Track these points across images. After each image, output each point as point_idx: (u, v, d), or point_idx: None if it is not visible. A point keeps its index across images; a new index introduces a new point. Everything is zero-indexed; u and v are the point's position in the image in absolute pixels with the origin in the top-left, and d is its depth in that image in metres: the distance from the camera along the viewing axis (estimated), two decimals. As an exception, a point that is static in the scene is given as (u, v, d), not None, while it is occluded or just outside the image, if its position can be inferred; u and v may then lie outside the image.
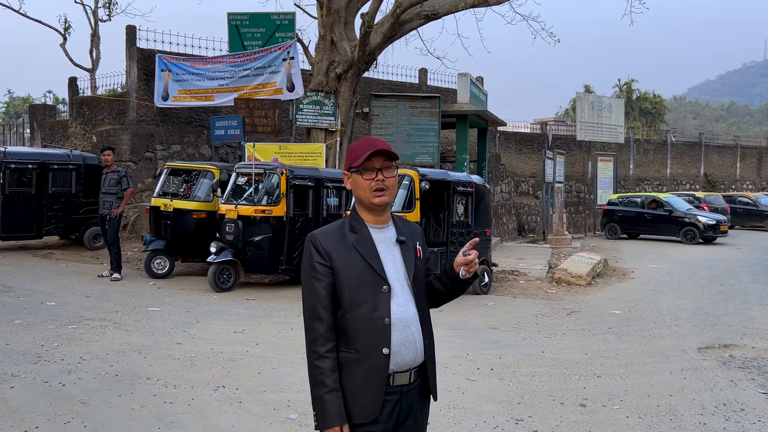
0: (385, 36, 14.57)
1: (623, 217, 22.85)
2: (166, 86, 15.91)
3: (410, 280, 2.40)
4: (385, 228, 2.42)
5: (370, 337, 2.28)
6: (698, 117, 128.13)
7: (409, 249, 2.45)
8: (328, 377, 2.24)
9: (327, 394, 2.23)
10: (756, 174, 37.32)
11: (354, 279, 2.29)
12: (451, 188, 10.54)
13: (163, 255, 11.19)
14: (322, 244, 2.32)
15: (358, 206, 2.43)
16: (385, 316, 2.29)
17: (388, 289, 2.32)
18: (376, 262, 2.33)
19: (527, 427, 4.77)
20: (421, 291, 2.45)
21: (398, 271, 2.38)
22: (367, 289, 2.30)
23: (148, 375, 5.72)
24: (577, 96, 28.02)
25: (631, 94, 61.46)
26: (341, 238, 2.35)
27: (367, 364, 2.28)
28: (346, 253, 2.32)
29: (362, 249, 2.33)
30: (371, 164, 2.34)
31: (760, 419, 4.99)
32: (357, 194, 2.40)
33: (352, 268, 2.30)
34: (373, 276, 2.31)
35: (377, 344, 2.28)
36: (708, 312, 9.49)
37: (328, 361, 2.26)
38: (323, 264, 2.30)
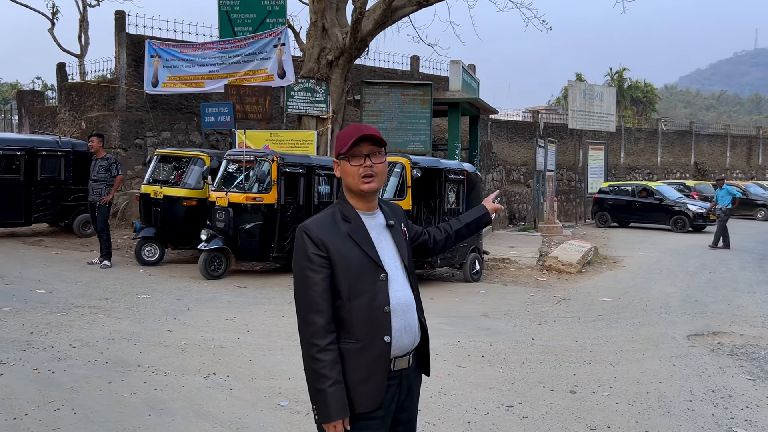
0: (376, 22, 14.48)
1: (614, 205, 22.95)
2: (156, 72, 15.77)
3: (405, 264, 2.41)
4: (374, 214, 2.41)
5: (371, 327, 2.27)
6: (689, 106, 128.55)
7: (398, 232, 2.46)
8: (331, 369, 2.20)
9: (330, 387, 2.19)
10: (746, 163, 37.51)
11: (352, 269, 2.26)
12: (442, 176, 10.53)
13: (153, 242, 11.14)
14: (317, 235, 2.27)
15: (347, 193, 2.40)
16: (385, 304, 2.29)
17: (385, 276, 2.31)
18: (372, 251, 2.31)
19: (517, 413, 4.79)
20: (413, 272, 2.47)
21: (393, 257, 2.38)
22: (366, 278, 2.28)
23: (139, 362, 5.70)
24: (569, 84, 28.02)
25: (623, 83, 61.53)
26: (335, 228, 2.31)
27: (370, 353, 2.26)
28: (342, 243, 2.28)
29: (357, 238, 2.31)
30: (359, 150, 2.32)
31: (748, 405, 5.03)
32: (346, 181, 2.37)
33: (349, 258, 2.27)
34: (371, 265, 2.30)
35: (379, 333, 2.27)
36: (697, 300, 9.55)
37: (330, 353, 2.21)
38: (320, 255, 2.25)
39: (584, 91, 26.70)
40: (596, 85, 29.77)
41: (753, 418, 4.76)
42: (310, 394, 2.27)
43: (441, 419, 4.62)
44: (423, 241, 2.77)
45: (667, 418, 4.74)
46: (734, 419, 4.74)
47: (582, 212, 26.28)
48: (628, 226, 22.77)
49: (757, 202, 26.94)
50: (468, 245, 10.86)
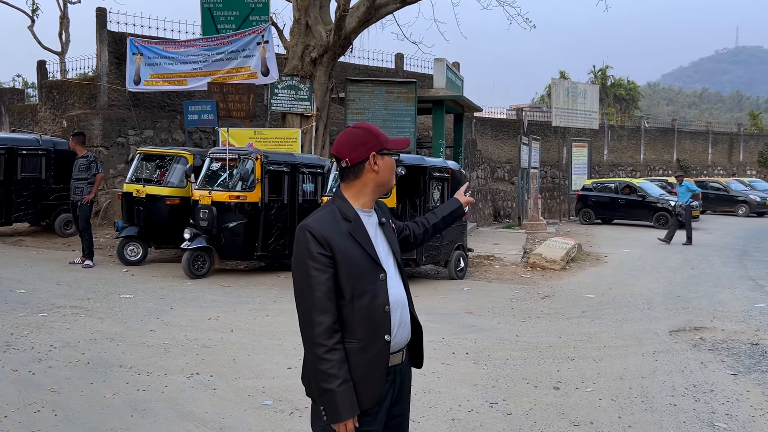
0: (360, 20, 14.45)
1: (597, 202, 23.10)
2: (138, 70, 15.64)
3: (398, 261, 2.45)
4: (371, 212, 2.42)
5: (372, 326, 2.28)
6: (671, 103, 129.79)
7: (389, 229, 2.49)
8: (339, 369, 2.19)
9: (339, 387, 2.18)
10: (727, 160, 37.90)
11: (355, 269, 2.26)
12: (427, 174, 10.54)
13: (136, 241, 11.05)
14: (322, 234, 2.25)
15: (366, 190, 2.38)
16: (385, 303, 2.30)
17: (385, 276, 2.33)
18: (372, 250, 2.32)
19: (501, 410, 4.80)
20: (403, 268, 2.49)
21: (387, 255, 2.40)
22: (368, 277, 2.29)
23: (121, 363, 5.65)
24: (553, 82, 28.14)
25: (606, 81, 61.97)
26: (336, 227, 2.29)
27: (370, 352, 2.27)
28: (345, 242, 2.27)
29: (359, 237, 2.31)
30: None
31: (729, 400, 5.08)
32: (386, 177, 2.39)
33: (352, 258, 2.26)
34: (371, 264, 2.30)
35: (379, 332, 2.29)
36: (680, 295, 9.63)
37: (338, 353, 2.21)
38: (325, 254, 2.23)
39: (568, 89, 26.84)
40: (580, 83, 29.93)
41: (734, 412, 4.81)
42: (317, 395, 2.26)
43: (425, 417, 4.62)
44: (404, 236, 2.81)
45: (649, 414, 4.78)
46: (715, 413, 4.79)
47: (566, 209, 26.43)
48: (611, 222, 22.93)
49: (738, 198, 27.22)
50: (453, 243, 10.87)
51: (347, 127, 2.46)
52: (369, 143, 2.36)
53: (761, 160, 38.40)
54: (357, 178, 2.38)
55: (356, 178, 2.38)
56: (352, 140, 2.37)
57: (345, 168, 2.39)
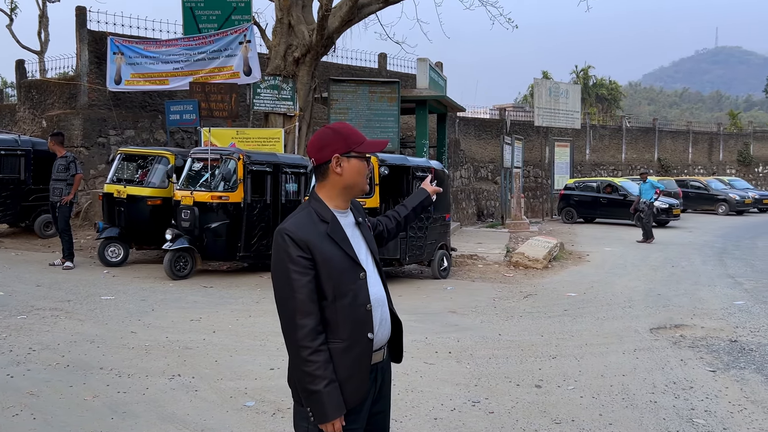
0: (343, 20, 14.43)
1: (579, 201, 23.26)
2: (119, 70, 15.51)
3: (376, 259, 2.46)
4: (347, 212, 2.43)
5: (355, 325, 2.29)
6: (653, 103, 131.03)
7: (366, 228, 2.50)
8: (325, 370, 2.20)
9: (326, 387, 2.19)
10: (707, 159, 38.33)
11: (335, 269, 2.27)
12: (410, 173, 10.55)
13: (117, 242, 10.96)
14: (300, 237, 2.25)
15: (334, 192, 2.38)
16: (367, 302, 2.32)
17: (364, 275, 2.34)
18: (350, 250, 2.33)
19: (484, 408, 4.82)
20: (381, 265, 2.52)
21: (365, 253, 2.42)
22: (348, 277, 2.29)
23: (101, 365, 5.59)
24: (535, 82, 28.26)
25: (588, 81, 62.45)
26: (314, 229, 2.29)
27: (354, 351, 2.28)
28: (324, 244, 2.27)
29: (337, 238, 2.31)
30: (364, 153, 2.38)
31: (708, 396, 5.14)
32: (352, 179, 2.37)
33: (332, 259, 2.27)
34: (351, 264, 2.31)
35: (363, 331, 2.30)
36: (660, 293, 9.72)
37: (323, 354, 2.22)
38: (305, 257, 2.23)
39: (550, 89, 26.98)
40: (562, 82, 30.10)
41: (712, 409, 4.87)
42: (303, 397, 2.26)
43: (408, 416, 4.62)
44: (379, 232, 2.84)
45: (630, 411, 4.82)
46: (695, 410, 4.84)
47: (548, 208, 26.58)
48: (593, 221, 23.10)
49: (718, 197, 27.53)
50: (436, 242, 10.90)
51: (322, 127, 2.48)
52: (334, 145, 2.35)
53: (740, 159, 38.88)
54: (325, 179, 2.39)
55: (324, 179, 2.39)
56: (320, 141, 2.38)
57: (314, 168, 2.42)
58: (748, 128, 42.74)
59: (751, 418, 4.70)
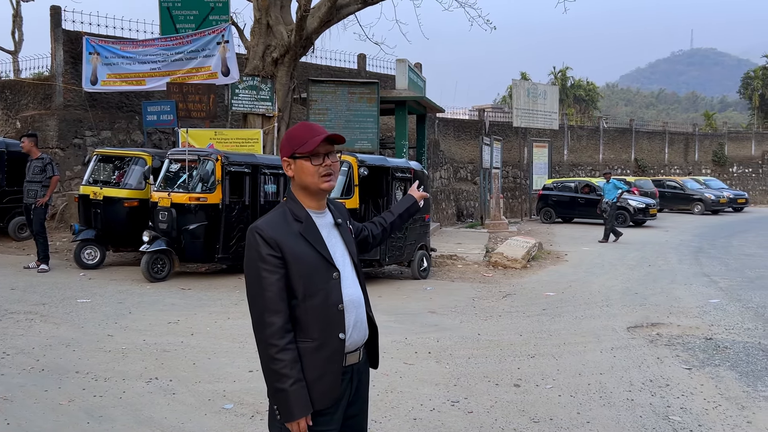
0: (322, 20, 14.40)
1: (558, 201, 23.45)
2: (95, 70, 15.33)
3: (354, 261, 2.46)
4: (324, 213, 2.44)
5: (326, 325, 2.29)
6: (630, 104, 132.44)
7: (345, 230, 2.51)
8: (291, 369, 2.21)
9: (291, 386, 2.20)
10: (683, 159, 38.83)
11: (306, 268, 2.28)
12: (389, 174, 10.56)
13: (93, 245, 10.83)
14: (271, 235, 2.27)
15: (299, 193, 2.41)
16: (339, 302, 2.32)
17: (338, 275, 2.34)
18: (324, 250, 2.34)
19: (463, 408, 4.83)
20: (360, 268, 2.52)
21: (343, 255, 2.42)
22: (319, 277, 2.30)
23: (77, 369, 5.52)
24: (514, 83, 28.43)
25: (566, 82, 62.95)
26: (287, 228, 2.31)
27: (325, 351, 2.28)
28: (295, 243, 2.29)
29: (310, 237, 2.32)
30: (318, 149, 2.34)
31: (683, 393, 5.21)
32: (303, 180, 2.37)
33: (303, 258, 2.28)
34: (324, 264, 2.32)
35: (334, 331, 2.30)
36: (637, 292, 9.83)
37: (290, 352, 2.22)
38: (274, 255, 2.25)
39: (528, 90, 27.16)
40: (540, 83, 30.32)
41: (688, 406, 4.93)
42: (270, 395, 2.27)
43: (387, 417, 4.62)
44: (363, 237, 2.84)
45: (607, 409, 4.86)
46: (671, 407, 4.90)
47: (527, 208, 26.75)
48: (571, 221, 23.29)
49: (694, 197, 27.93)
50: (416, 243, 10.91)
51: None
52: (284, 149, 2.41)
53: (715, 159, 39.44)
54: (290, 180, 2.44)
55: (291, 181, 2.44)
56: (282, 142, 2.45)
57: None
58: (722, 129, 43.38)
59: (726, 414, 4.77)
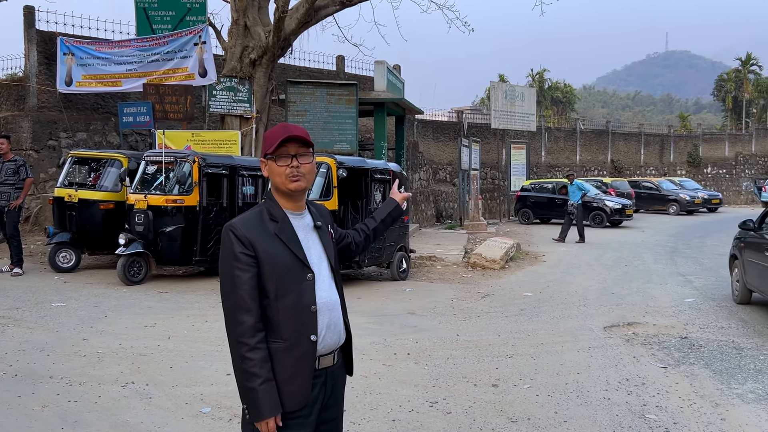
0: (300, 21, 14.36)
1: (535, 202, 23.61)
2: (70, 71, 15.12)
3: (332, 265, 2.45)
4: (302, 214, 2.43)
5: (297, 326, 2.28)
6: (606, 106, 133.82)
7: (325, 233, 2.49)
8: (260, 368, 2.20)
9: (261, 386, 2.19)
10: (658, 160, 39.32)
11: (279, 268, 2.27)
12: (368, 176, 10.55)
13: (68, 248, 10.70)
14: (244, 234, 2.27)
15: (275, 193, 2.41)
16: (312, 303, 2.30)
17: (312, 276, 2.33)
18: (299, 251, 2.33)
19: (441, 409, 4.84)
20: (339, 273, 2.51)
21: (319, 257, 2.41)
22: (293, 277, 2.29)
23: (51, 373, 5.44)
24: (492, 85, 28.58)
25: (543, 84, 63.49)
26: (262, 227, 2.31)
27: (296, 352, 2.27)
28: (269, 242, 2.29)
29: (285, 237, 2.32)
30: (286, 150, 2.34)
31: (659, 392, 5.27)
32: (274, 181, 2.39)
33: (276, 258, 2.28)
34: (298, 264, 2.31)
35: (305, 332, 2.29)
36: (614, 292, 9.93)
37: (260, 352, 2.21)
38: (247, 254, 2.25)
39: (506, 92, 27.33)
40: (518, 85, 30.52)
41: (663, 404, 4.99)
42: (241, 394, 2.26)
43: (366, 418, 4.62)
44: (346, 244, 2.81)
45: (584, 408, 4.91)
46: (646, 406, 4.95)
47: (506, 209, 26.91)
48: (549, 222, 23.45)
49: (669, 197, 28.27)
50: (395, 244, 10.92)
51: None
52: (263, 149, 2.42)
53: (690, 160, 40.00)
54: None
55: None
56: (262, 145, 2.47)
57: None
58: (697, 130, 44.01)
59: (700, 412, 4.83)
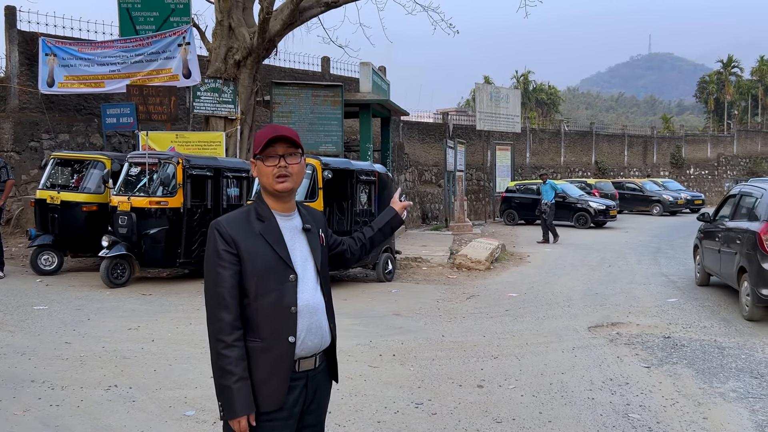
0: (284, 23, 14.33)
1: (520, 203, 23.70)
2: (52, 71, 14.97)
3: (318, 268, 2.43)
4: (291, 216, 2.42)
5: (276, 326, 2.27)
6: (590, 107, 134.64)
7: (314, 236, 2.48)
8: (236, 366, 2.20)
9: (235, 384, 2.19)
10: (642, 161, 39.65)
11: (261, 267, 2.27)
12: (354, 177, 10.55)
13: (50, 250, 10.59)
14: (228, 231, 2.27)
15: (263, 193, 2.41)
16: (292, 304, 2.29)
17: (295, 277, 2.32)
18: (283, 251, 2.32)
19: (427, 410, 4.85)
20: (326, 277, 2.49)
21: (305, 259, 2.39)
22: (274, 277, 2.29)
23: (33, 377, 5.38)
24: (476, 87, 28.66)
25: (528, 85, 63.81)
26: (247, 226, 2.31)
27: (273, 352, 2.27)
28: (253, 241, 2.29)
29: (269, 237, 2.31)
30: (274, 151, 2.34)
31: (642, 391, 5.31)
32: (261, 181, 2.39)
33: (259, 257, 2.28)
34: (281, 265, 2.30)
35: (283, 333, 2.28)
36: (598, 292, 9.99)
37: (236, 350, 2.21)
38: (229, 252, 2.25)
39: (491, 94, 27.41)
40: (502, 87, 30.64)
41: (647, 404, 5.02)
42: (216, 391, 2.26)
43: (351, 420, 4.61)
44: (340, 251, 2.77)
45: (568, 408, 4.93)
46: (630, 405, 4.98)
47: (491, 211, 26.99)
48: (534, 223, 23.50)
49: (653, 198, 28.50)
50: (381, 246, 10.91)
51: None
52: (253, 149, 2.43)
53: (673, 162, 40.38)
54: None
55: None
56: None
57: None
58: (679, 132, 44.47)
59: (683, 411, 4.87)
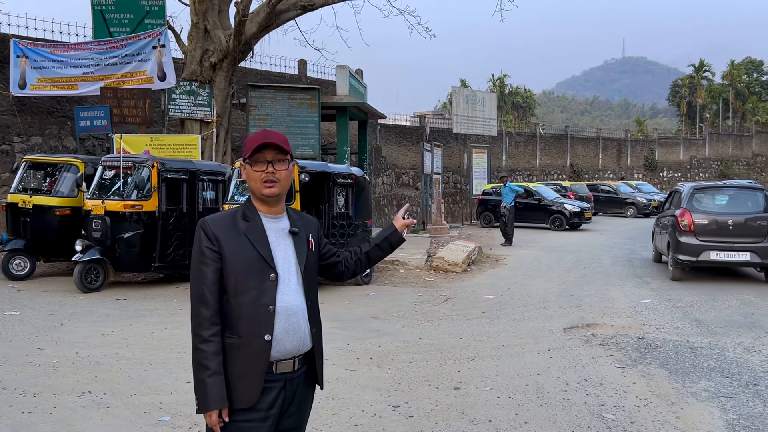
0: (261, 25, 14.29)
1: (497, 206, 23.81)
2: (23, 74, 14.73)
3: (301, 270, 2.44)
4: (278, 218, 2.45)
5: (252, 324, 2.30)
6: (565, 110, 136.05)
7: (301, 240, 2.50)
8: (211, 361, 2.25)
9: (209, 378, 2.24)
10: (616, 164, 40.14)
11: (241, 265, 2.32)
12: (331, 180, 10.54)
13: (22, 255, 10.45)
14: (212, 230, 2.34)
15: (252, 196, 2.47)
16: (270, 303, 2.32)
17: (275, 277, 2.35)
18: (265, 251, 2.36)
19: (404, 412, 4.86)
20: (311, 281, 2.51)
21: (288, 261, 2.41)
22: (254, 276, 2.32)
23: (4, 384, 5.30)
24: (453, 90, 28.77)
25: (504, 89, 64.26)
26: (233, 225, 2.37)
27: (249, 350, 2.30)
28: (236, 240, 2.34)
29: (252, 237, 2.36)
30: (263, 156, 2.38)
31: (617, 392, 5.37)
32: (249, 185, 2.45)
33: (240, 255, 2.32)
34: (262, 264, 2.34)
35: (259, 331, 2.30)
36: (573, 294, 10.09)
37: (212, 345, 2.27)
38: (212, 249, 2.32)
39: (467, 97, 27.56)
40: (479, 90, 30.84)
41: (621, 404, 5.09)
42: (194, 385, 2.31)
43: (328, 424, 4.60)
44: (333, 263, 2.74)
45: (544, 409, 4.97)
46: (604, 406, 5.04)
47: (468, 213, 27.14)
48: (511, 225, 23.69)
49: (627, 200, 28.87)
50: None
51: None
52: (243, 153, 2.47)
53: (647, 164, 40.96)
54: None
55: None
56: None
57: None
58: (653, 135, 45.12)
59: (656, 411, 4.94)
